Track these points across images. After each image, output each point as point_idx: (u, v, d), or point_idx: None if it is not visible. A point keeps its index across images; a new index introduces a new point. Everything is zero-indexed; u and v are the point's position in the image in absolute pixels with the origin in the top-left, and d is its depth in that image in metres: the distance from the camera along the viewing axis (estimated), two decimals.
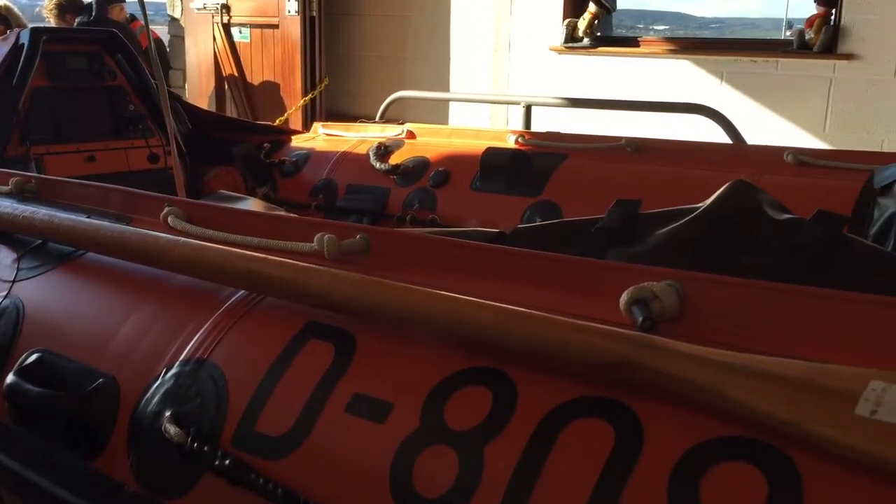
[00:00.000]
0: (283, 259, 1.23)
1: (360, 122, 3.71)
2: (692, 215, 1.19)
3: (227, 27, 6.29)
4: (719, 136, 3.13)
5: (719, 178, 2.11)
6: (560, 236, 1.30)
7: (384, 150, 3.21)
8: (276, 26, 5.98)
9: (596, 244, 1.23)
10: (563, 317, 0.98)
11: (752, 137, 3.20)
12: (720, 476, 0.81)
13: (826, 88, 4.59)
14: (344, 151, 3.33)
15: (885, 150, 4.19)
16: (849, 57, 4.46)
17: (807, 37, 4.63)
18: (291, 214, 2.22)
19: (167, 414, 1.15)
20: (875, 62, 4.38)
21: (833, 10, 4.58)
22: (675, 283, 1.03)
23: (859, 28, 4.43)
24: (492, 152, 2.92)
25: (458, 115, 5.70)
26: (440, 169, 3.00)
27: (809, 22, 4.67)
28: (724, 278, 1.01)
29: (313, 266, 1.18)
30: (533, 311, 0.98)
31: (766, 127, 4.68)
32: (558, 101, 3.78)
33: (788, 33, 5.08)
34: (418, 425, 0.98)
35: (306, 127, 4.78)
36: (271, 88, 6.10)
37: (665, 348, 0.89)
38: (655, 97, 4.54)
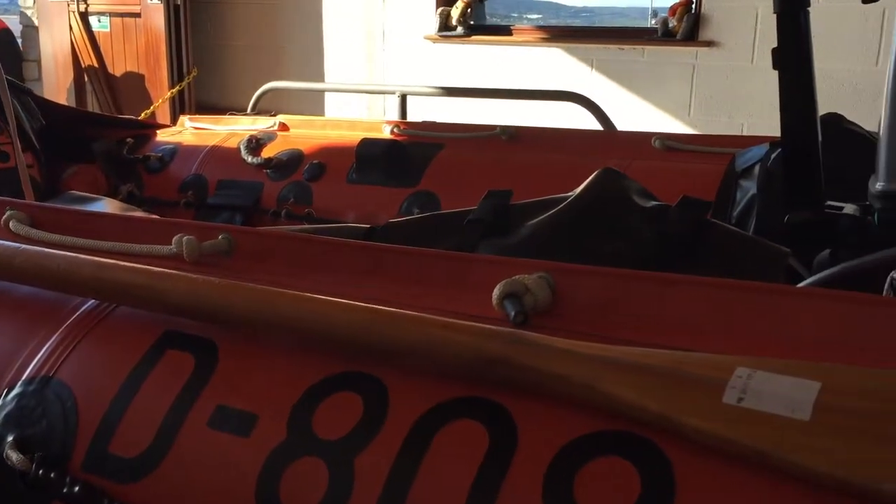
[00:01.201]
0: (136, 265, 1.14)
1: (230, 114, 3.57)
2: (562, 205, 1.18)
3: (84, 16, 5.95)
4: (591, 122, 3.19)
5: (592, 164, 2.13)
6: (432, 230, 1.27)
7: (256, 144, 3.10)
8: (137, 15, 5.71)
9: (468, 237, 1.21)
10: (437, 314, 0.95)
11: (622, 123, 3.28)
12: (594, 472, 0.79)
13: (690, 74, 4.77)
14: (213, 145, 3.20)
15: (746, 133, 4.38)
16: (709, 44, 4.65)
17: (670, 25, 4.80)
18: (151, 215, 2.10)
19: (9, 439, 1.05)
20: (734, 49, 4.58)
21: None
22: (547, 276, 1.02)
23: (718, 16, 4.61)
24: (367, 143, 2.87)
25: (335, 107, 5.61)
26: (315, 162, 2.93)
27: (672, 10, 4.83)
28: (594, 268, 1.01)
29: (169, 271, 1.11)
30: (402, 311, 0.94)
31: (635, 112, 4.82)
32: (433, 90, 3.76)
33: (654, 21, 5.24)
34: (285, 437, 0.93)
35: (175, 121, 4.58)
36: (135, 80, 5.82)
37: (537, 344, 0.87)
38: (529, 85, 4.60)
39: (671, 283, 0.97)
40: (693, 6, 4.74)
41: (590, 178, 1.20)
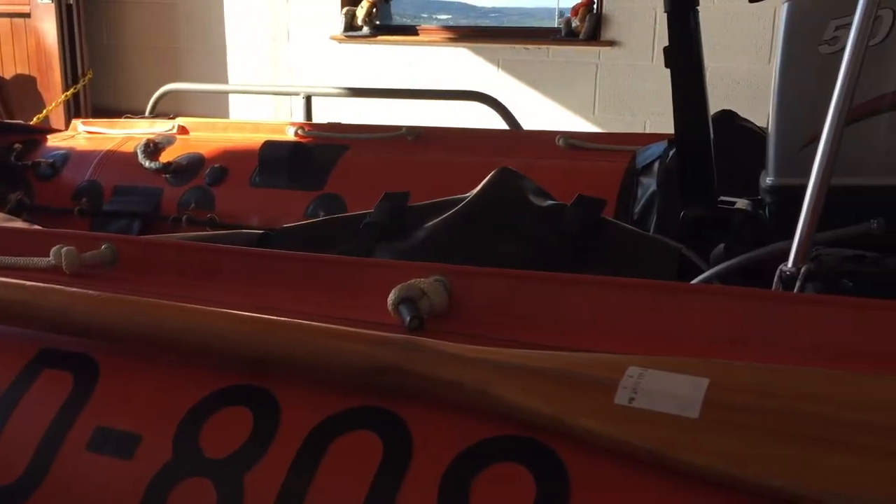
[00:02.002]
0: (8, 279, 1.07)
1: (126, 117, 3.44)
2: (458, 206, 1.16)
3: None
4: (497, 122, 3.20)
5: (497, 163, 2.12)
6: (328, 234, 1.24)
7: (154, 148, 2.99)
8: (27, 15, 5.44)
9: (364, 241, 1.18)
10: (331, 321, 0.93)
11: (529, 122, 3.30)
12: (489, 478, 0.78)
13: (593, 73, 4.85)
14: (108, 150, 3.07)
15: (649, 130, 4.48)
16: (611, 43, 4.73)
17: (573, 25, 4.87)
18: (32, 226, 1.99)
19: None
20: (635, 48, 4.68)
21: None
22: (443, 279, 1.00)
23: (619, 16, 4.70)
24: (270, 146, 2.81)
25: (240, 109, 5.48)
26: (216, 165, 2.85)
27: (575, 10, 4.90)
28: (490, 270, 0.99)
29: (44, 284, 1.04)
30: (291, 321, 0.90)
31: (541, 112, 4.88)
32: (339, 90, 3.71)
33: (559, 22, 5.32)
34: (171, 457, 0.88)
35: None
36: (27, 83, 5.56)
37: (429, 350, 0.85)
38: (436, 85, 4.59)
39: (567, 283, 0.96)
40: (594, 6, 4.83)
41: (486, 178, 1.19)
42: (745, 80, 4.37)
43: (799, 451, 0.66)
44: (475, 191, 1.17)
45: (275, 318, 0.92)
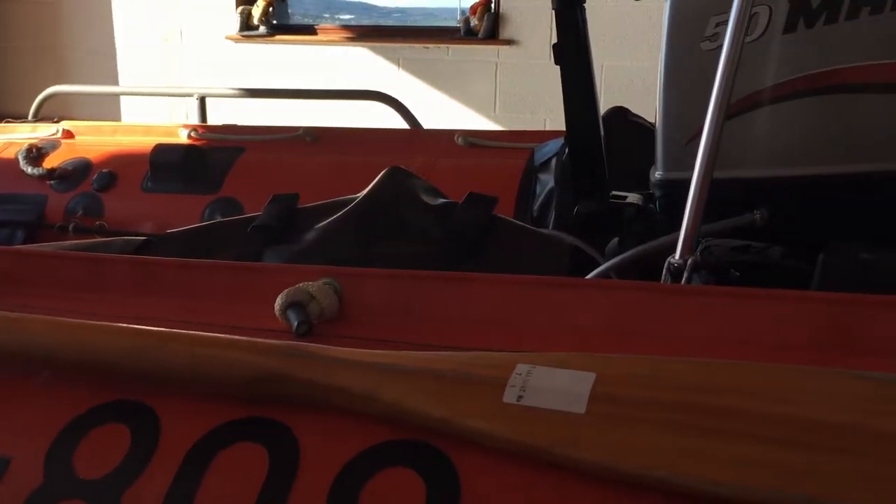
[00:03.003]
0: None
1: (7, 121, 3.27)
2: (349, 207, 1.14)
3: None
4: (398, 121, 3.18)
5: (397, 163, 2.10)
6: (213, 239, 1.19)
7: (36, 153, 2.85)
8: None
9: (252, 245, 1.14)
10: (217, 330, 0.89)
11: (431, 122, 3.29)
12: (379, 484, 0.76)
13: (493, 72, 4.89)
14: None
15: (548, 128, 4.54)
16: (510, 42, 4.79)
17: (472, 24, 4.90)
18: None
19: None
20: (532, 46, 4.74)
21: None
22: (333, 281, 0.98)
23: (516, 15, 4.76)
24: (162, 149, 2.71)
25: (133, 113, 5.29)
26: (105, 171, 2.73)
27: (473, 10, 4.94)
28: (381, 271, 0.97)
29: None
30: (169, 331, 0.86)
31: (443, 111, 4.89)
32: (234, 91, 3.62)
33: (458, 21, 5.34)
34: (42, 481, 0.83)
35: None
36: None
37: (315, 356, 0.82)
38: (336, 85, 4.53)
39: (457, 282, 0.95)
40: (492, 6, 4.87)
41: (377, 178, 1.17)
42: (640, 77, 4.48)
43: (680, 441, 0.66)
44: (365, 191, 1.15)
45: (152, 328, 0.88)
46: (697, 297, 0.88)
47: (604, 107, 2.19)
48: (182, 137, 2.86)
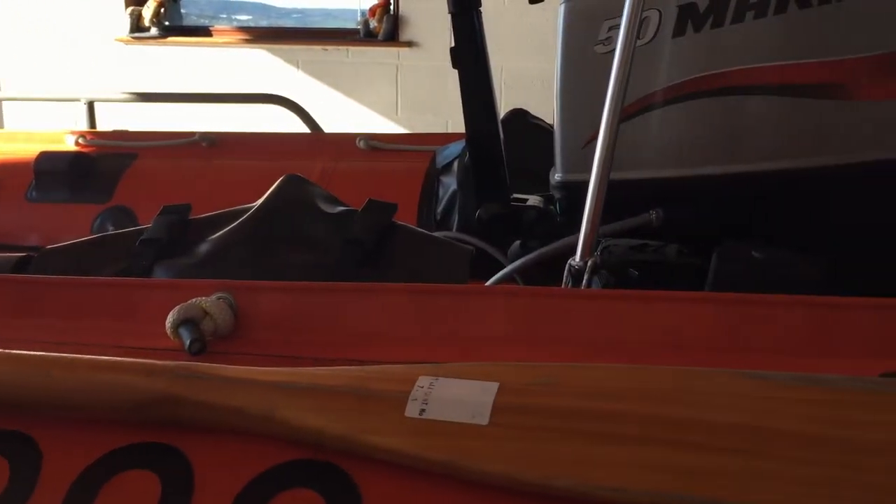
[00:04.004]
0: None
1: None
2: (244, 217, 1.10)
3: None
4: (298, 125, 3.13)
5: (297, 167, 2.06)
6: (99, 254, 1.13)
7: None
8: None
9: (141, 259, 1.09)
10: (106, 351, 0.84)
11: (332, 125, 3.25)
12: None
13: (394, 74, 4.87)
14: None
15: (450, 130, 4.55)
16: (410, 44, 4.78)
17: (371, 26, 4.87)
18: None
19: None
20: (433, 48, 4.74)
21: (392, 0, 4.86)
22: (227, 296, 0.94)
23: (416, 17, 4.75)
24: (47, 157, 2.59)
25: (16, 119, 5.03)
26: None
27: (372, 11, 4.90)
28: (277, 284, 0.94)
29: None
30: (50, 355, 0.81)
31: (344, 114, 4.84)
32: (126, 96, 3.49)
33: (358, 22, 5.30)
34: None
35: None
36: None
37: (208, 376, 0.78)
38: (234, 88, 4.42)
39: (356, 293, 0.93)
40: (391, 8, 4.85)
41: (272, 186, 1.14)
42: (540, 79, 4.54)
43: (582, 448, 0.66)
44: (260, 200, 1.12)
45: (32, 353, 0.82)
46: (597, 300, 0.88)
47: (504, 108, 2.21)
48: (69, 144, 2.72)
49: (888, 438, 0.62)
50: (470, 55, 1.57)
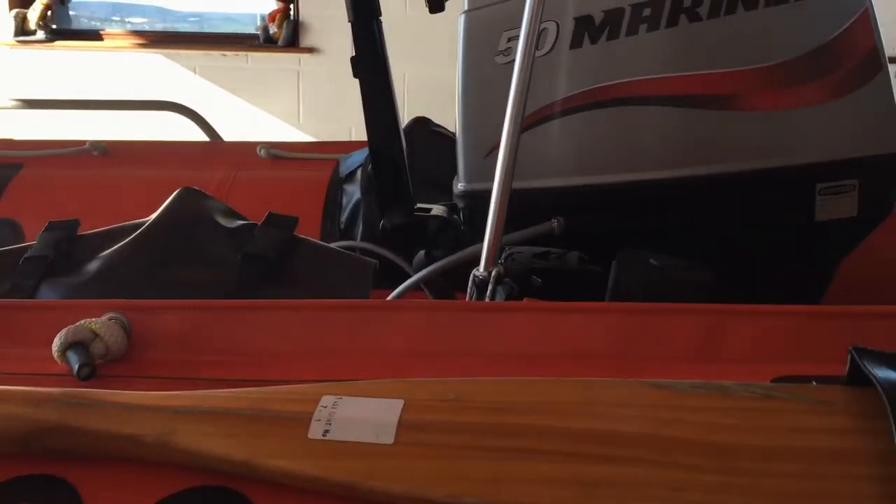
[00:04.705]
0: None
1: None
2: (138, 232, 1.06)
3: None
4: (197, 133, 3.04)
5: (195, 177, 2.00)
6: None
7: None
8: None
9: (25, 279, 1.03)
10: None
11: (233, 133, 3.17)
12: None
13: (295, 81, 4.81)
14: None
15: (354, 137, 4.53)
16: (311, 50, 4.72)
17: (271, 31, 4.79)
18: None
19: None
20: (334, 55, 4.70)
21: (291, 6, 4.80)
22: (120, 316, 0.90)
23: (317, 23, 4.70)
24: None
25: None
26: None
27: (271, 17, 4.83)
28: (172, 303, 0.91)
29: None
30: None
31: (245, 121, 4.74)
32: (10, 102, 3.31)
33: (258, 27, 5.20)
34: None
35: None
36: None
37: (101, 402, 0.75)
38: (128, 94, 4.28)
39: (258, 311, 0.90)
40: (291, 13, 4.79)
41: (167, 200, 1.10)
42: (444, 86, 4.56)
43: (488, 465, 0.66)
44: (154, 214, 1.07)
45: None
46: (500, 313, 0.88)
47: (408, 116, 2.20)
48: None
49: (783, 444, 0.64)
50: (371, 64, 1.56)
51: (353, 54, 1.58)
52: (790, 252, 1.41)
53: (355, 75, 1.57)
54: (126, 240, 1.05)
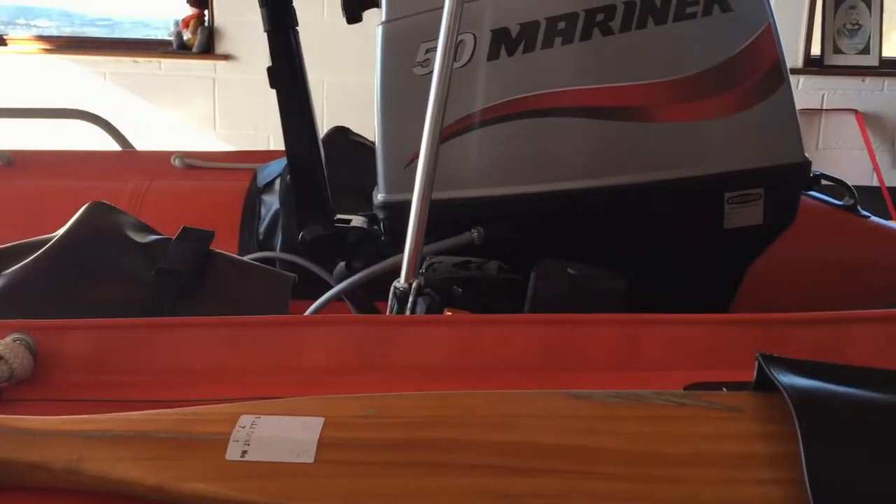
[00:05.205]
0: None
1: None
2: (44, 248, 1.02)
3: None
4: (108, 142, 2.95)
5: (106, 188, 1.94)
6: None
7: None
8: None
9: None
10: None
11: (146, 141, 3.10)
12: None
13: (211, 88, 4.72)
14: None
15: (272, 145, 4.47)
16: (226, 57, 4.65)
17: (185, 37, 4.69)
18: None
19: None
20: (251, 62, 4.63)
21: (206, 11, 4.71)
22: (24, 336, 0.87)
23: (232, 29, 4.63)
24: None
25: None
26: None
27: (185, 22, 4.73)
28: (81, 322, 0.88)
29: None
30: None
31: (159, 129, 4.63)
32: None
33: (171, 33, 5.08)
34: None
35: None
36: None
37: (5, 428, 0.71)
38: (32, 102, 4.12)
39: (171, 329, 0.88)
40: (206, 19, 4.70)
41: (76, 215, 1.06)
42: (363, 94, 4.54)
43: (410, 481, 0.65)
44: (62, 230, 1.04)
45: None
46: (422, 326, 0.88)
47: (327, 124, 2.18)
48: None
49: (696, 450, 0.66)
50: (288, 75, 1.55)
51: (270, 64, 1.56)
52: (702, 259, 1.46)
53: (272, 86, 1.55)
54: (32, 256, 1.01)
